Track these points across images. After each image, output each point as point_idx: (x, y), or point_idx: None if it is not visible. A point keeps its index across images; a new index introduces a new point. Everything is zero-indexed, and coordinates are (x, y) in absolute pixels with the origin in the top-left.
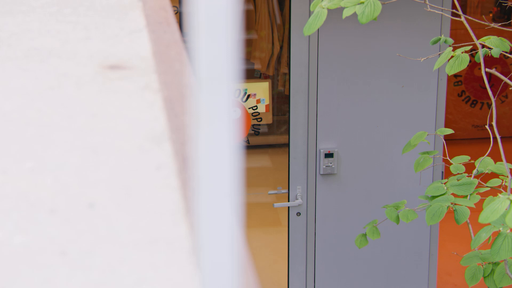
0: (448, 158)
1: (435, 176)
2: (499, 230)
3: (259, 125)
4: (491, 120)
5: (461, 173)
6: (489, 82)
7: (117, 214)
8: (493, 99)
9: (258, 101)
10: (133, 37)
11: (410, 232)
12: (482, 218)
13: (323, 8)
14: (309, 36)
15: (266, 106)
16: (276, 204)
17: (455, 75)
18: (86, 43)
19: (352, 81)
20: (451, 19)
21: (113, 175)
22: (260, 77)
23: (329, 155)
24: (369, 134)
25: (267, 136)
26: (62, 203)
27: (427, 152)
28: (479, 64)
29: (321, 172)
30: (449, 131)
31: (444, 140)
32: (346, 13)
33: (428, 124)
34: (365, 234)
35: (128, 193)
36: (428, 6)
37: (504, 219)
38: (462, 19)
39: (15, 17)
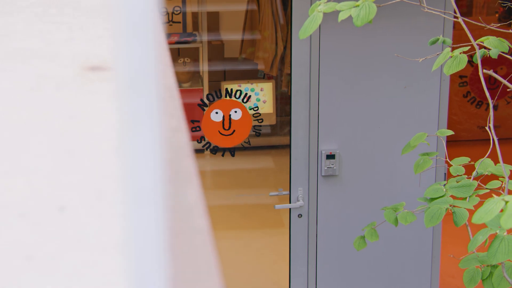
0: (448, 159)
1: (437, 178)
2: (496, 233)
3: (261, 126)
4: (493, 122)
5: (461, 175)
6: (494, 83)
7: (87, 218)
8: (490, 101)
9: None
10: None
11: (412, 234)
12: (476, 218)
13: (319, 12)
14: (310, 36)
15: (269, 106)
16: (277, 206)
17: (460, 76)
18: (69, 44)
19: (354, 81)
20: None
21: (86, 179)
22: (263, 78)
23: (330, 156)
24: (371, 135)
25: (270, 137)
26: (32, 206)
27: (427, 154)
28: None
29: (323, 174)
30: (449, 132)
31: (449, 141)
32: (342, 16)
33: (431, 125)
34: (364, 237)
35: (100, 197)
36: (426, 8)
37: (499, 220)
38: (459, 20)
39: (1, 18)
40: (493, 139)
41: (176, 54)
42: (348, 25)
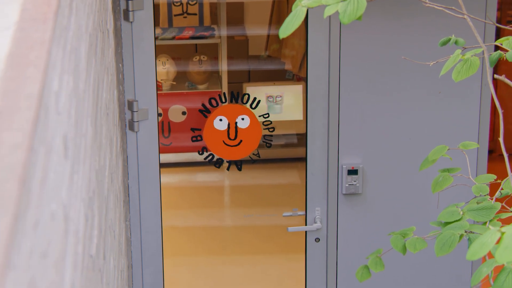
0: (470, 177)
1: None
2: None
3: (271, 135)
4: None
5: (484, 195)
6: None
7: None
8: (500, 111)
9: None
10: None
11: (448, 255)
12: (470, 254)
13: (303, 6)
14: (329, 33)
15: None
16: (291, 228)
17: None
18: None
19: (380, 84)
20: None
21: None
22: (292, 79)
23: (353, 171)
24: (400, 148)
25: (297, 148)
26: None
27: (448, 170)
28: None
29: (344, 192)
30: (474, 145)
31: (499, 155)
32: (328, 12)
33: (470, 136)
34: (367, 266)
35: None
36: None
37: (495, 253)
38: (467, 19)
39: None
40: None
41: (193, 51)
42: (373, 20)
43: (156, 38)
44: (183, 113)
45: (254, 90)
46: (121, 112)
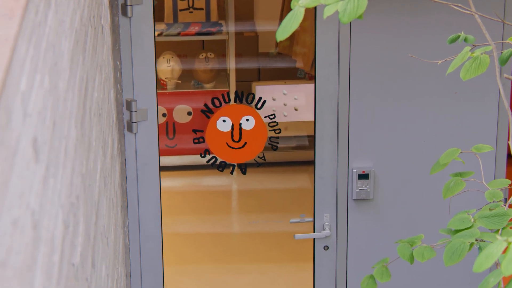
0: (483, 182)
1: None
2: None
3: (278, 137)
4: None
5: (498, 201)
6: None
7: None
8: (510, 113)
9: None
10: None
11: (467, 264)
12: (477, 266)
13: (301, 7)
14: (338, 30)
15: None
16: (298, 236)
17: None
18: None
19: (393, 84)
20: None
21: None
22: (304, 78)
23: (363, 176)
24: (414, 151)
25: (309, 150)
26: None
27: (460, 174)
28: None
29: (354, 197)
30: (488, 148)
31: None
32: (327, 12)
33: (488, 139)
34: (373, 276)
35: None
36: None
37: (501, 264)
38: (474, 14)
39: None
40: None
41: (200, 48)
42: (385, 17)
43: (160, 34)
44: (189, 113)
45: (264, 89)
46: (118, 112)
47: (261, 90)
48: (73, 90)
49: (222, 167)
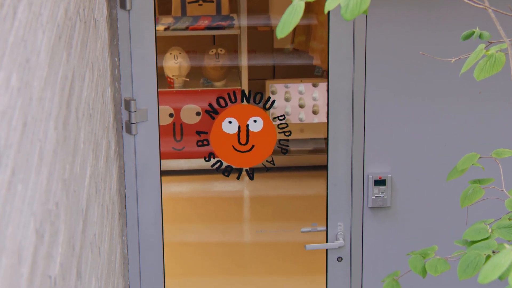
0: (504, 189)
1: None
2: None
3: (288, 140)
4: None
5: None
6: None
7: None
8: None
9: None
10: None
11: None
12: (482, 276)
13: (300, 1)
14: (353, 25)
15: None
16: (309, 246)
17: None
18: None
19: (411, 83)
20: None
21: None
22: (322, 76)
23: (380, 182)
24: (434, 155)
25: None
26: None
27: (479, 181)
28: None
29: (370, 205)
30: (509, 152)
31: None
32: (329, 6)
33: None
34: None
35: None
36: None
37: (508, 275)
38: (489, 11)
39: None
40: None
41: (210, 43)
42: (403, 10)
43: (167, 29)
44: (197, 113)
45: (279, 88)
46: (116, 112)
47: (276, 88)
48: (53, 88)
49: (228, 171)
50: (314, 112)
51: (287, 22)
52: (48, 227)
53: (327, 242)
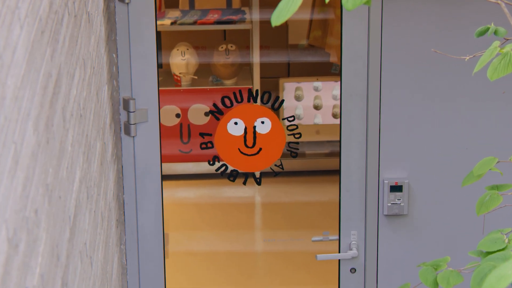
0: None
1: None
2: None
3: (298, 143)
4: None
5: None
6: None
7: None
8: None
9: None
10: None
11: None
12: None
13: None
14: (368, 20)
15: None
16: (321, 256)
17: None
18: None
19: (430, 83)
20: None
21: None
22: (339, 73)
23: (396, 188)
24: (454, 160)
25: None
26: None
27: (497, 187)
28: None
29: (385, 212)
30: None
31: None
32: None
33: None
34: None
35: None
36: None
37: None
38: (502, 4)
39: None
40: None
41: (219, 39)
42: (422, 4)
43: (174, 23)
44: (206, 114)
45: (293, 87)
46: (114, 112)
47: (290, 87)
48: (32, 87)
49: (233, 176)
50: (335, 116)
51: (284, 10)
52: (25, 236)
53: (339, 252)
